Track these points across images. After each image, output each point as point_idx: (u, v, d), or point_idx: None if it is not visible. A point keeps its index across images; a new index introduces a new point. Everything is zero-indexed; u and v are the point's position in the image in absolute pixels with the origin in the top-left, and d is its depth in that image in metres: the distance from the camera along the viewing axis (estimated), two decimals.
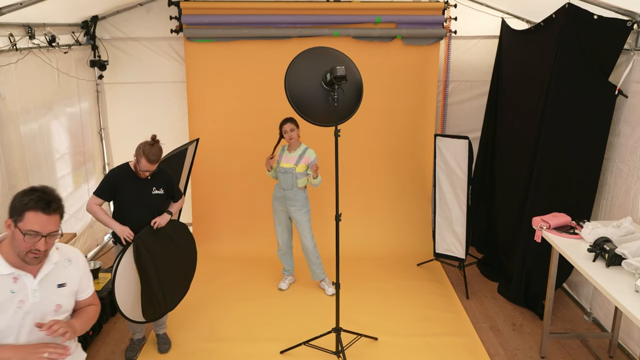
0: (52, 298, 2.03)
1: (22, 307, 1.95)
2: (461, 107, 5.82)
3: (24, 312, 1.96)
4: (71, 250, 2.16)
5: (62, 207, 1.94)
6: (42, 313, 2.00)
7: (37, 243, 1.88)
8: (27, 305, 1.96)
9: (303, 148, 4.42)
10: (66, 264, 2.10)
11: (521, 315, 4.42)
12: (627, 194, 3.84)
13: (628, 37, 3.77)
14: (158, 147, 3.48)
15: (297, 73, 3.42)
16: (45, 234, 1.89)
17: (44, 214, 1.87)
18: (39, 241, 1.88)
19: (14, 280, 1.95)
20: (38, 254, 1.91)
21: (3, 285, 1.93)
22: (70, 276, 2.10)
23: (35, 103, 4.26)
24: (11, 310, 1.93)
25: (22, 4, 3.53)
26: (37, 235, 1.87)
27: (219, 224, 5.59)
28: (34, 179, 4.21)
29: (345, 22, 5.25)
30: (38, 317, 1.99)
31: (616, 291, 2.80)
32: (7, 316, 1.92)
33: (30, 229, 1.86)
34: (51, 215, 1.89)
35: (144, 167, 3.45)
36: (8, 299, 1.93)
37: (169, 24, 5.29)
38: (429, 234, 5.59)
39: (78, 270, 2.14)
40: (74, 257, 2.14)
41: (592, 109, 3.97)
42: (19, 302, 1.95)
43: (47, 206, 1.88)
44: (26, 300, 1.96)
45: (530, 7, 4.94)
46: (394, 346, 3.95)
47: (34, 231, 1.87)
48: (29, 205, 1.87)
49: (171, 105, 5.64)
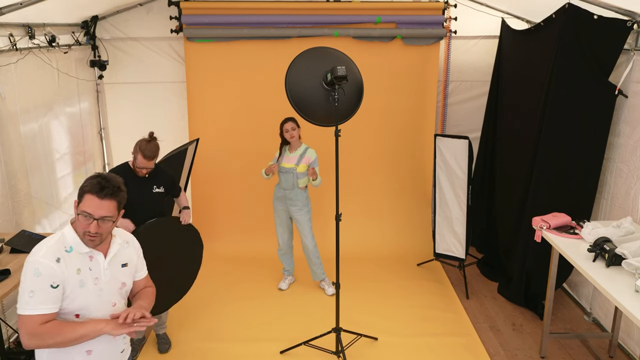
0: (118, 277, 2.16)
1: (97, 284, 2.07)
2: (461, 107, 5.82)
3: (99, 289, 2.08)
4: (127, 234, 2.28)
5: (117, 194, 2.00)
6: (110, 290, 2.12)
7: (90, 225, 1.97)
8: (101, 283, 2.08)
9: (304, 148, 4.43)
10: (125, 246, 2.22)
11: (521, 315, 4.42)
12: (627, 194, 3.84)
13: (628, 37, 3.77)
14: (154, 144, 3.48)
15: (298, 73, 3.42)
16: (97, 217, 1.96)
17: (97, 198, 1.96)
18: (91, 223, 1.97)
19: (90, 258, 2.06)
20: (93, 237, 1.99)
21: (83, 262, 2.04)
22: (129, 257, 2.23)
23: (35, 103, 4.26)
24: (90, 286, 2.05)
25: (22, 4, 3.53)
26: (90, 218, 1.96)
27: (219, 224, 5.60)
28: (34, 179, 4.21)
29: (345, 22, 5.25)
30: (108, 295, 2.10)
31: (616, 291, 2.80)
32: (88, 292, 2.04)
33: (84, 210, 1.97)
34: (104, 199, 1.96)
35: (141, 163, 3.45)
36: (88, 275, 2.05)
37: (169, 24, 5.29)
38: (429, 234, 5.59)
39: (134, 252, 2.27)
40: (130, 240, 2.27)
41: (592, 109, 3.97)
42: (95, 279, 2.07)
43: (100, 190, 1.96)
44: (100, 277, 2.08)
45: (530, 7, 4.94)
46: (394, 346, 3.95)
47: (87, 213, 1.96)
48: (87, 188, 1.98)
49: (171, 105, 5.64)
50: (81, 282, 2.03)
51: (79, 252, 2.04)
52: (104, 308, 2.10)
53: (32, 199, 4.17)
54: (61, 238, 2.04)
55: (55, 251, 1.99)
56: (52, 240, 2.04)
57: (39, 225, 4.25)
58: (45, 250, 1.99)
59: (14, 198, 3.93)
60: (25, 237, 3.39)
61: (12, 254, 3.25)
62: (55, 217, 4.55)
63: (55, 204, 4.57)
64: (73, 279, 2.01)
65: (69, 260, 2.01)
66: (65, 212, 4.73)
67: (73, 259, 2.02)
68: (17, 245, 3.30)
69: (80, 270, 2.03)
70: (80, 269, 2.03)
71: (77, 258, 2.03)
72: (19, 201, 3.98)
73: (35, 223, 4.19)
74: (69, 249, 2.02)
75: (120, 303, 2.18)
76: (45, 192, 4.41)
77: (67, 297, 2.01)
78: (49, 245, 2.01)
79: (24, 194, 4.04)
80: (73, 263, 2.01)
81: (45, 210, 4.39)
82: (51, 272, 1.95)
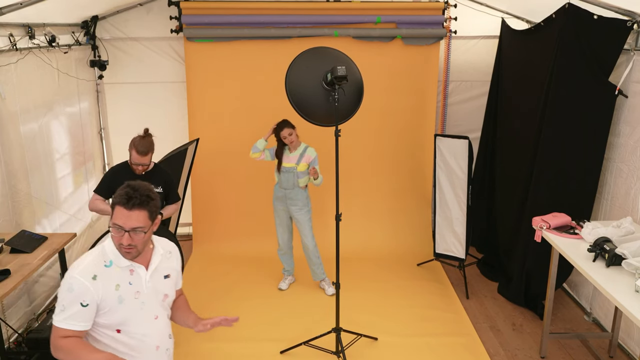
0: (160, 289, 2.11)
1: (138, 298, 2.03)
2: (461, 107, 5.82)
3: (140, 303, 2.03)
4: (169, 243, 2.22)
5: (147, 203, 1.93)
6: (153, 304, 2.08)
7: (122, 238, 1.92)
8: (142, 296, 2.04)
9: (303, 147, 4.43)
10: (168, 256, 2.17)
11: (521, 315, 4.42)
12: (627, 194, 3.84)
13: (628, 37, 3.77)
14: (148, 140, 3.48)
15: (298, 73, 3.42)
16: (127, 229, 1.90)
17: (125, 209, 1.89)
18: (123, 236, 1.91)
19: (130, 272, 2.01)
20: (128, 250, 1.94)
21: (123, 277, 2.00)
22: (172, 267, 2.18)
23: (35, 103, 4.26)
24: (131, 301, 2.01)
25: (22, 4, 3.52)
26: (121, 230, 1.91)
27: (219, 224, 5.59)
28: (34, 179, 4.21)
29: (345, 22, 5.25)
30: (150, 308, 2.06)
31: (616, 291, 2.80)
32: (128, 307, 2.00)
33: (115, 222, 1.91)
34: (132, 210, 1.89)
35: (135, 159, 3.45)
36: (127, 290, 2.00)
37: (169, 24, 5.29)
38: (429, 234, 5.59)
39: (176, 262, 2.22)
40: (172, 250, 2.21)
41: (592, 109, 3.97)
42: (136, 293, 2.02)
43: (128, 201, 1.89)
44: (141, 291, 2.04)
45: (530, 7, 4.94)
46: (394, 346, 3.95)
47: (118, 225, 1.91)
48: (116, 200, 1.92)
49: (171, 105, 5.64)
50: (120, 298, 1.98)
51: (118, 266, 1.99)
52: (146, 322, 2.06)
53: (32, 199, 4.17)
54: (101, 251, 2.00)
55: (93, 267, 1.95)
56: (93, 254, 2.00)
57: (39, 225, 4.25)
58: (84, 266, 1.95)
59: (14, 198, 3.93)
60: (25, 237, 3.39)
61: (12, 254, 3.25)
62: (55, 217, 4.55)
63: (55, 204, 4.56)
64: (111, 295, 1.96)
65: (108, 276, 1.96)
66: (65, 212, 4.73)
67: (112, 274, 1.97)
68: (17, 245, 3.30)
69: (119, 286, 1.98)
70: (119, 284, 1.98)
71: (116, 273, 1.98)
72: (19, 201, 3.98)
73: (35, 223, 4.19)
74: (109, 264, 1.98)
75: (163, 315, 2.14)
76: (45, 192, 4.41)
77: (105, 313, 1.97)
78: (88, 260, 1.98)
79: (24, 194, 4.04)
80: (112, 279, 1.97)
81: (45, 210, 4.39)
82: (84, 290, 1.91)
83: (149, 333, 2.08)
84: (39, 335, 3.73)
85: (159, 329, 2.12)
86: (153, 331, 2.09)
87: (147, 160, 3.48)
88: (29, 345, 3.72)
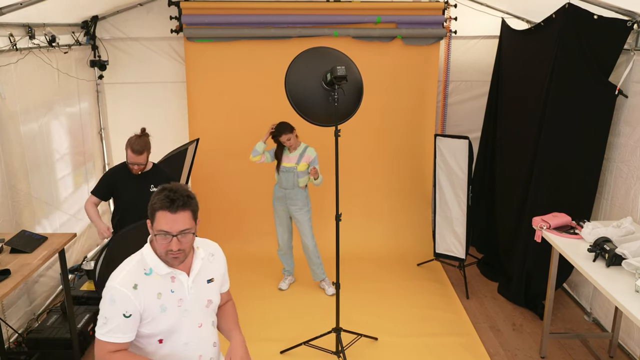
0: (203, 294, 2.02)
1: (181, 305, 1.95)
2: (461, 107, 5.82)
3: (183, 310, 1.96)
4: (212, 244, 2.13)
5: (190, 203, 1.87)
6: (197, 310, 2.00)
7: (170, 243, 1.84)
8: (185, 304, 1.96)
9: (303, 147, 4.43)
10: (211, 259, 2.08)
11: (521, 315, 4.42)
12: (627, 194, 3.83)
13: (628, 37, 3.77)
14: (144, 139, 3.48)
15: (298, 73, 3.42)
16: (175, 233, 1.83)
17: (170, 213, 1.82)
18: (171, 241, 1.84)
19: (172, 279, 1.94)
20: (176, 255, 1.87)
21: (164, 285, 1.92)
22: (215, 270, 2.09)
23: (35, 103, 4.26)
24: (173, 310, 1.93)
25: (22, 4, 3.52)
26: (168, 236, 1.83)
27: (218, 224, 5.59)
28: (33, 179, 4.21)
29: (345, 22, 5.25)
30: (194, 315, 1.99)
31: (616, 291, 2.79)
32: (171, 315, 1.93)
33: (160, 229, 1.83)
34: (177, 213, 1.83)
35: (130, 158, 3.45)
36: (170, 299, 1.92)
37: (169, 24, 5.29)
38: (429, 234, 5.59)
39: (220, 264, 2.13)
40: (216, 251, 2.13)
41: (592, 109, 3.97)
42: (179, 300, 1.94)
43: (171, 204, 1.82)
44: (184, 298, 1.96)
45: (530, 7, 4.94)
46: (394, 346, 3.95)
47: (164, 231, 1.83)
48: (157, 206, 1.84)
49: (171, 105, 5.64)
50: (162, 307, 1.91)
51: (158, 274, 1.91)
52: (189, 330, 1.98)
53: (32, 199, 4.17)
54: (141, 260, 1.93)
55: (133, 276, 1.88)
56: (132, 262, 1.93)
57: (39, 225, 4.25)
58: (124, 276, 1.89)
59: (14, 198, 3.93)
60: (25, 237, 3.39)
61: (12, 254, 3.24)
62: (55, 217, 4.55)
63: (55, 204, 4.57)
64: (153, 304, 1.89)
65: (148, 284, 1.89)
66: (65, 212, 4.73)
67: (153, 282, 1.90)
68: (17, 245, 3.30)
69: (160, 294, 1.90)
70: (161, 293, 1.90)
71: (157, 281, 1.91)
72: (19, 201, 3.98)
73: (35, 223, 4.19)
74: (149, 272, 1.90)
75: (208, 323, 2.06)
76: (45, 192, 4.41)
77: (148, 323, 1.90)
78: (127, 270, 1.91)
79: (24, 194, 4.04)
80: (153, 287, 1.89)
81: (45, 210, 4.39)
82: (126, 300, 1.84)
83: (192, 342, 2.00)
84: (39, 335, 3.74)
85: (203, 337, 2.04)
86: (196, 340, 2.01)
87: (142, 159, 3.46)
88: (29, 345, 3.72)
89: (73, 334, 3.64)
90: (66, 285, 3.61)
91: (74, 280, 4.58)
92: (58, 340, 3.70)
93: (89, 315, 3.99)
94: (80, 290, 4.34)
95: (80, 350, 3.73)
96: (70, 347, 3.66)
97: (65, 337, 3.70)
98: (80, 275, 4.66)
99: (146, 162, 3.53)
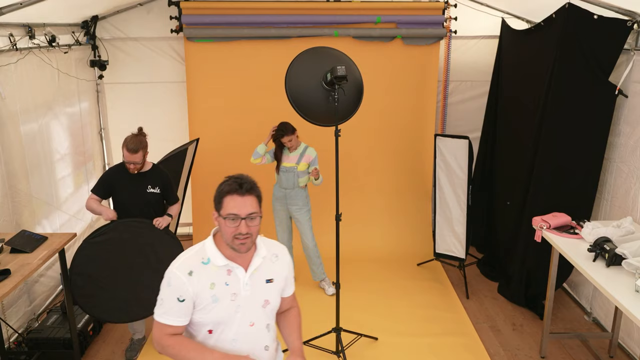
0: (260, 293, 2.02)
1: (235, 300, 1.97)
2: (461, 107, 5.82)
3: (237, 305, 1.97)
4: (278, 246, 2.15)
5: (256, 188, 1.94)
6: (251, 308, 2.01)
7: (238, 227, 1.89)
8: (239, 299, 1.98)
9: (303, 147, 4.43)
10: (274, 259, 2.08)
11: (521, 315, 4.42)
12: (627, 194, 3.83)
13: (628, 37, 3.77)
14: (139, 138, 3.48)
15: (298, 73, 3.42)
16: (243, 216, 1.89)
17: (238, 196, 1.89)
18: (239, 224, 1.89)
19: (228, 272, 1.97)
20: (244, 239, 1.91)
21: (219, 276, 1.96)
22: (277, 272, 2.08)
23: (35, 103, 4.26)
24: (226, 302, 1.96)
25: (22, 4, 3.53)
26: (237, 219, 1.89)
27: None
28: (34, 179, 4.21)
29: (345, 22, 5.25)
30: (247, 312, 1.99)
31: (616, 291, 2.80)
32: (222, 307, 1.95)
33: (229, 212, 1.89)
34: (245, 196, 1.90)
35: (126, 157, 3.45)
36: (223, 291, 1.95)
37: (169, 24, 5.29)
38: (429, 234, 5.59)
39: (284, 267, 2.12)
40: (280, 253, 2.12)
41: (592, 109, 3.97)
42: (232, 294, 1.97)
43: (240, 187, 1.90)
44: (238, 293, 1.97)
45: (530, 7, 4.94)
46: (394, 346, 3.95)
47: (233, 214, 1.89)
48: (224, 191, 1.92)
49: (171, 105, 5.64)
50: (214, 297, 1.94)
51: (215, 264, 1.95)
52: (239, 327, 1.99)
53: (32, 199, 4.17)
54: (201, 249, 1.99)
55: (191, 263, 1.94)
56: (193, 250, 2.00)
57: (39, 225, 4.25)
58: (182, 261, 1.95)
59: (14, 198, 3.93)
60: (25, 237, 3.39)
61: (12, 254, 3.24)
62: (55, 217, 4.55)
63: (55, 204, 4.56)
64: (205, 293, 1.93)
65: (204, 273, 1.93)
66: (65, 212, 4.73)
67: (208, 272, 1.94)
68: (17, 245, 3.30)
69: (214, 284, 1.94)
70: (214, 283, 1.94)
71: (213, 271, 1.95)
72: (19, 201, 3.98)
73: (35, 223, 4.19)
74: (206, 261, 1.95)
75: (261, 324, 2.04)
76: (46, 192, 4.41)
77: (199, 311, 1.94)
78: (187, 256, 1.97)
79: (24, 194, 4.04)
80: (207, 277, 1.94)
81: (46, 210, 4.39)
82: (180, 285, 1.90)
83: (240, 339, 1.99)
84: (39, 335, 3.74)
85: (253, 337, 2.02)
86: (245, 338, 2.00)
87: (137, 158, 3.45)
88: (29, 345, 3.72)
89: (73, 334, 3.64)
90: (66, 285, 3.61)
91: None
92: (58, 340, 3.70)
93: (89, 315, 3.99)
94: None
95: (80, 350, 3.74)
96: (70, 347, 3.66)
97: (65, 337, 3.70)
98: None
99: (142, 161, 3.50)
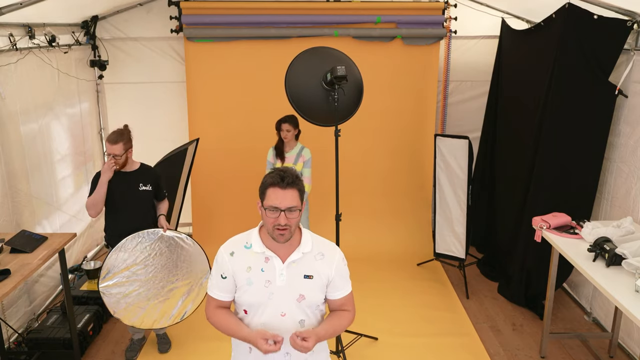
0: (296, 286, 2.06)
1: (268, 287, 2.04)
2: (461, 107, 5.82)
3: (270, 293, 2.04)
4: (328, 246, 2.17)
5: (298, 182, 2.01)
6: (284, 298, 2.05)
7: (278, 218, 1.96)
8: (273, 287, 2.04)
9: (299, 147, 4.43)
10: (318, 257, 2.11)
11: (521, 315, 4.42)
12: (627, 194, 3.83)
13: (628, 37, 3.77)
14: (120, 130, 3.50)
15: (298, 73, 3.42)
16: (283, 208, 1.95)
17: (279, 189, 1.96)
18: (279, 216, 1.96)
19: (265, 260, 2.06)
20: (282, 230, 1.97)
21: (256, 262, 2.06)
22: (318, 270, 2.09)
23: (35, 103, 4.26)
24: (259, 287, 2.04)
25: (22, 4, 3.53)
26: (277, 210, 1.96)
27: (219, 224, 5.59)
28: (34, 179, 4.21)
29: (345, 22, 5.25)
30: (280, 301, 2.05)
31: (616, 291, 2.79)
32: (255, 290, 2.04)
33: (270, 204, 1.97)
34: (286, 189, 1.97)
35: (107, 149, 3.47)
36: (258, 276, 2.05)
37: (169, 24, 5.29)
38: (429, 233, 5.59)
39: (330, 267, 2.12)
40: (328, 253, 2.14)
41: (592, 109, 3.97)
42: (266, 281, 2.05)
43: (282, 180, 1.96)
44: (273, 281, 2.04)
45: (530, 7, 4.94)
46: (394, 346, 3.95)
47: (274, 206, 1.96)
48: (268, 183, 2.00)
49: (171, 105, 5.64)
50: (249, 280, 2.04)
51: (255, 250, 2.07)
52: (270, 314, 2.05)
53: (32, 199, 4.17)
54: (248, 234, 2.12)
55: (235, 245, 2.10)
56: (241, 234, 2.14)
57: (39, 225, 4.25)
58: (229, 242, 2.12)
59: (14, 198, 3.93)
60: (25, 237, 3.39)
61: (12, 254, 3.24)
62: (55, 217, 4.55)
63: (55, 205, 4.57)
64: (242, 275, 2.05)
65: (243, 256, 2.07)
66: (65, 212, 4.73)
67: (248, 256, 2.07)
68: (17, 245, 3.30)
69: (250, 268, 2.05)
70: (251, 267, 2.05)
71: (251, 256, 2.06)
72: (19, 201, 3.98)
73: (35, 223, 4.19)
74: (249, 246, 2.08)
75: (294, 317, 2.05)
76: (46, 192, 4.41)
77: (238, 289, 2.07)
78: (235, 239, 2.13)
79: (24, 194, 4.04)
80: (246, 260, 2.06)
81: (46, 210, 4.39)
82: (223, 263, 2.07)
83: (269, 327, 2.03)
84: (39, 335, 3.73)
85: (283, 327, 2.04)
86: (274, 327, 2.04)
87: (117, 150, 3.42)
88: (29, 345, 3.72)
89: (73, 334, 3.64)
90: (66, 285, 3.61)
91: (74, 280, 4.59)
92: (58, 340, 3.70)
93: (89, 315, 3.99)
94: (80, 290, 4.34)
95: (80, 350, 3.74)
96: (70, 347, 3.66)
97: (66, 337, 3.70)
98: (80, 275, 4.66)
99: (122, 153, 3.45)
